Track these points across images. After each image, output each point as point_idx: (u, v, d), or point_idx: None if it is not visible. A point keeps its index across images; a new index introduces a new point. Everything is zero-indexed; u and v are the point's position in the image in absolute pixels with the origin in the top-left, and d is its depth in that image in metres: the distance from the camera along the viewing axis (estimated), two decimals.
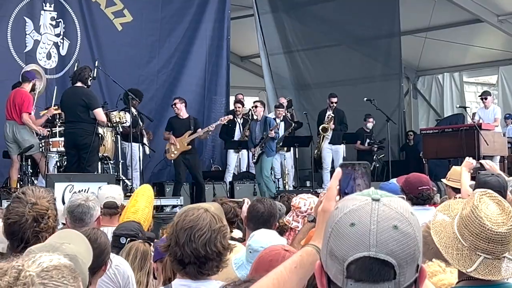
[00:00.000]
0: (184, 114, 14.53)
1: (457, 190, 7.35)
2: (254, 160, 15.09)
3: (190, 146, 14.30)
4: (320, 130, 16.24)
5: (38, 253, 2.73)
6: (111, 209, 6.59)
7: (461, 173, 7.25)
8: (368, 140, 17.92)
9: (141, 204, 6.69)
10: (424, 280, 1.79)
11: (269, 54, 18.54)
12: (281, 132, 15.46)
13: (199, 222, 3.48)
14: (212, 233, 3.47)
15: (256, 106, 15.44)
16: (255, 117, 15.52)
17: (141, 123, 14.15)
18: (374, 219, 1.71)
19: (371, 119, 18.17)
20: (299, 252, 2.23)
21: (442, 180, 8.11)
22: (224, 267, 3.55)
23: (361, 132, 18.13)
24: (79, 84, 11.95)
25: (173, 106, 14.58)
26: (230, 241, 3.65)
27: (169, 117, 14.83)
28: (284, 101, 17.03)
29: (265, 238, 4.98)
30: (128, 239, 5.52)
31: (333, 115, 16.21)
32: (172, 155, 14.32)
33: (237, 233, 6.58)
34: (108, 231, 6.15)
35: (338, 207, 1.78)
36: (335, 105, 16.31)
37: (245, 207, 6.34)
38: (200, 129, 14.51)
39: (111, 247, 5.54)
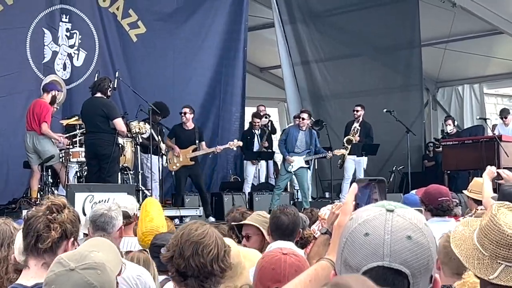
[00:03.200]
0: (190, 124, 14.43)
1: (479, 202, 7.32)
2: (293, 170, 14.87)
3: (193, 162, 14.20)
4: (345, 142, 16.22)
5: (67, 260, 2.82)
6: (124, 219, 6.59)
7: (483, 182, 7.24)
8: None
9: (154, 213, 6.71)
10: None
11: (285, 65, 18.50)
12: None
13: (206, 238, 3.45)
14: (220, 250, 3.44)
15: (303, 118, 15.15)
16: (302, 127, 15.12)
17: (159, 137, 14.14)
18: (388, 229, 1.74)
19: (449, 121, 18.29)
20: (314, 266, 2.26)
21: (464, 191, 8.09)
22: (222, 282, 3.54)
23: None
24: (98, 94, 12.04)
25: (183, 115, 14.38)
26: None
27: (174, 124, 14.64)
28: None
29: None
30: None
31: (359, 128, 16.20)
32: (174, 167, 14.25)
33: None
34: (124, 241, 6.19)
35: (353, 217, 1.81)
36: (356, 113, 16.31)
37: None
38: (203, 143, 14.43)
39: (152, 257, 5.57)
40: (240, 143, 15.14)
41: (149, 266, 5.01)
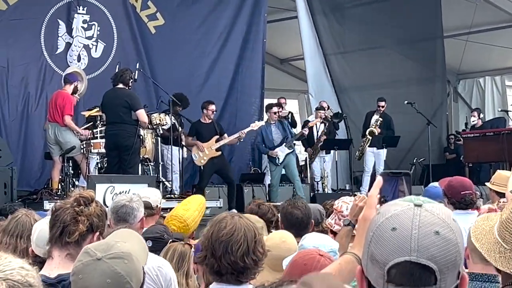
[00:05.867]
0: (209, 119, 14.36)
1: (501, 194, 7.30)
2: (281, 161, 14.89)
3: (219, 152, 14.09)
4: (367, 134, 16.17)
5: (94, 250, 2.86)
6: (146, 209, 6.58)
7: (511, 174, 7.20)
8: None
9: (192, 206, 6.73)
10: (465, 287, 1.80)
11: (309, 56, 18.38)
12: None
13: (235, 234, 3.45)
14: (249, 243, 3.44)
15: (274, 112, 15.15)
16: (271, 121, 15.15)
17: (180, 127, 14.16)
18: (416, 224, 1.72)
19: (474, 113, 18.18)
20: (338, 260, 2.25)
21: (486, 184, 8.08)
22: (260, 271, 3.55)
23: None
24: (120, 85, 12.07)
25: (211, 111, 14.22)
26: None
27: (193, 122, 14.48)
28: (325, 104, 16.95)
29: (317, 239, 4.94)
30: (154, 241, 5.50)
31: (382, 120, 16.16)
32: (202, 161, 14.08)
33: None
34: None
35: (380, 212, 1.80)
36: (382, 109, 16.27)
37: None
38: (226, 135, 14.33)
39: None
40: (263, 122, 15.05)
41: (183, 259, 5.02)
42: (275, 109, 15.25)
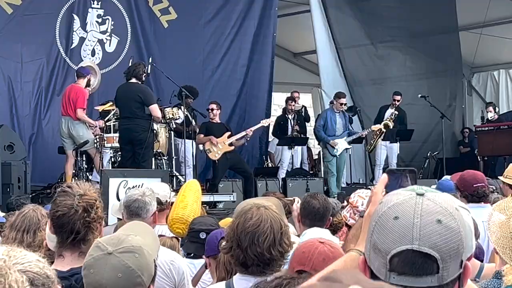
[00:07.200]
0: (218, 119, 14.49)
1: None
2: (339, 153, 14.97)
3: (232, 147, 14.22)
4: (382, 127, 16.12)
5: (105, 244, 2.86)
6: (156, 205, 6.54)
7: None
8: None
9: (190, 199, 6.69)
10: (468, 277, 1.80)
11: (321, 50, 18.34)
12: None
13: (261, 225, 3.44)
14: (276, 235, 3.43)
15: (342, 103, 15.30)
16: (336, 110, 15.27)
17: (193, 121, 14.20)
18: (418, 213, 1.73)
19: (490, 108, 18.10)
20: (343, 257, 2.25)
21: (499, 177, 8.05)
22: (286, 263, 3.54)
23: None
24: (133, 80, 12.08)
25: (210, 111, 14.40)
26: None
27: (203, 122, 14.59)
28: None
29: (316, 235, 4.96)
30: (207, 234, 5.49)
31: (397, 113, 16.12)
32: (216, 155, 14.15)
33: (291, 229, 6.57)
34: (157, 229, 6.17)
35: (383, 201, 1.80)
36: (397, 103, 16.22)
37: (295, 206, 6.35)
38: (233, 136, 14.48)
39: (189, 242, 5.59)
40: (272, 120, 15.07)
41: None
42: (343, 100, 15.29)
